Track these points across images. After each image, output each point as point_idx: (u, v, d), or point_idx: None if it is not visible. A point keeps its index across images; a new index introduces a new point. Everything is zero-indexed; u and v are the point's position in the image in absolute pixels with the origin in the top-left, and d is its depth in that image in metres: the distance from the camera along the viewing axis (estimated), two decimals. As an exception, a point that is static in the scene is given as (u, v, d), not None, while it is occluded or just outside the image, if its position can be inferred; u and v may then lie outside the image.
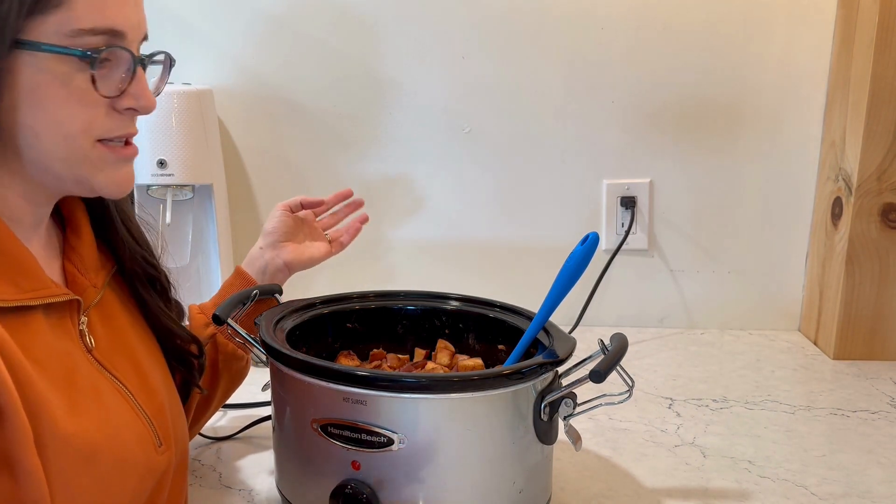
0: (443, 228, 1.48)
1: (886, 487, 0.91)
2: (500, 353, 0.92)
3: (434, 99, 1.43)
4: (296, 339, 0.87)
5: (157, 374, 0.76)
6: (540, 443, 0.78)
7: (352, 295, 0.96)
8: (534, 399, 0.76)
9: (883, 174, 1.25)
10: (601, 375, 0.72)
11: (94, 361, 0.68)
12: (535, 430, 0.77)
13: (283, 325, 0.86)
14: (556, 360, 0.77)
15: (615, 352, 0.76)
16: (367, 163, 1.46)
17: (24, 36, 0.59)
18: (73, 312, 0.67)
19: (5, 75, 0.59)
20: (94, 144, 0.64)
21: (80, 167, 0.64)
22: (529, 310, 0.91)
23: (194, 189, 1.31)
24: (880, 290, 1.29)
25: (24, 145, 0.62)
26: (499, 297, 0.97)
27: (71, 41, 0.60)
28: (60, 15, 0.59)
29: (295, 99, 1.44)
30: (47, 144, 0.62)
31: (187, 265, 1.34)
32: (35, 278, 0.63)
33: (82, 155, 0.64)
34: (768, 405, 1.13)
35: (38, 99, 0.60)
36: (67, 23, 0.59)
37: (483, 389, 0.73)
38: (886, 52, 1.20)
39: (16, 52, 0.59)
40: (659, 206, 1.44)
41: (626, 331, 1.45)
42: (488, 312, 0.94)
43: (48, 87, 0.60)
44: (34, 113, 0.61)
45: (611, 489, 0.90)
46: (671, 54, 1.37)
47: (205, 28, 1.41)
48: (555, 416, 0.78)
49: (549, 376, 0.79)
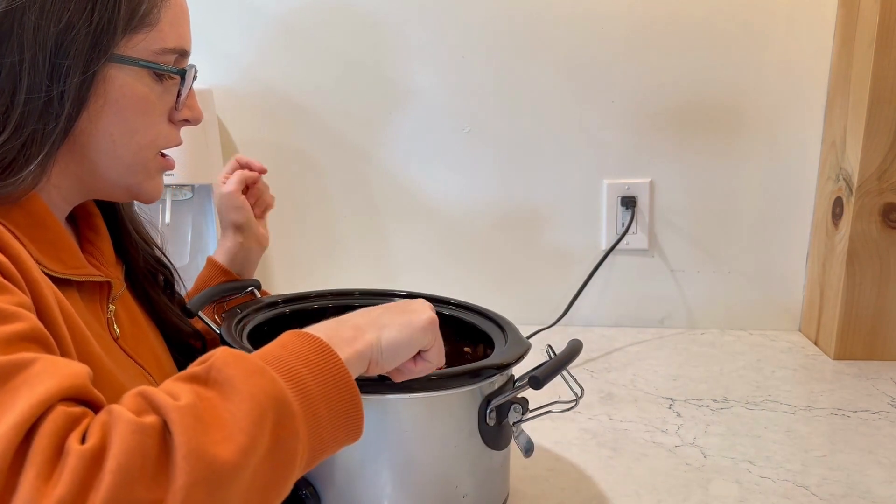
0: (443, 228, 1.48)
1: (887, 488, 0.90)
2: (465, 354, 0.90)
3: (434, 99, 1.43)
4: (262, 334, 0.85)
5: (172, 368, 0.80)
6: (488, 448, 0.76)
7: (310, 294, 0.96)
8: (479, 402, 0.75)
9: (883, 174, 1.25)
10: (539, 382, 0.70)
11: (120, 350, 0.71)
12: (481, 434, 0.75)
13: (248, 321, 0.86)
14: (500, 365, 0.75)
15: (560, 358, 0.74)
16: (367, 163, 1.46)
17: (121, 51, 0.65)
18: (103, 299, 0.71)
19: (98, 84, 0.64)
20: (156, 155, 0.71)
21: (138, 174, 0.70)
22: (488, 309, 0.90)
23: (194, 189, 1.31)
24: (881, 290, 1.29)
25: (99, 150, 0.66)
26: (498, 298, 0.97)
27: (156, 58, 0.67)
28: (152, 34, 0.66)
29: (295, 99, 1.44)
30: (122, 151, 0.67)
31: (186, 265, 1.34)
32: (76, 257, 0.68)
33: (145, 163, 0.70)
34: (769, 405, 1.13)
35: (121, 109, 0.66)
36: (156, 42, 0.66)
37: (424, 391, 0.71)
38: (887, 52, 1.20)
39: (110, 65, 0.64)
40: (659, 206, 1.44)
41: (626, 331, 1.47)
42: (443, 310, 0.90)
43: (132, 98, 0.66)
44: (116, 122, 0.66)
45: (611, 489, 0.90)
46: (672, 54, 1.37)
47: (205, 28, 1.41)
48: (504, 421, 0.76)
49: (499, 380, 0.77)
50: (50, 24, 0.60)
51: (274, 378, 0.50)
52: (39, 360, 0.48)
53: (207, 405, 0.47)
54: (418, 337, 0.64)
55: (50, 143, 0.62)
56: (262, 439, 0.48)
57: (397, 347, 0.62)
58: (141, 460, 0.43)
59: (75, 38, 0.61)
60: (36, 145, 0.62)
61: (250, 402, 0.48)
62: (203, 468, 0.44)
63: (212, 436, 0.46)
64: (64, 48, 0.61)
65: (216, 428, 0.46)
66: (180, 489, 0.43)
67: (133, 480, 0.43)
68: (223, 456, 0.45)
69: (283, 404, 0.50)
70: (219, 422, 0.47)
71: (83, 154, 0.66)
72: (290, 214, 1.49)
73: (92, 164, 0.67)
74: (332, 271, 1.52)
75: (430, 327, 0.65)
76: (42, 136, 0.62)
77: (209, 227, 1.35)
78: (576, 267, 1.45)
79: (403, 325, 0.63)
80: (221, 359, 0.50)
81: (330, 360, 0.55)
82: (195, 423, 0.45)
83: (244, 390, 0.48)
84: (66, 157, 0.66)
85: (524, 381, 0.73)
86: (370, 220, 1.49)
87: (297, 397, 0.51)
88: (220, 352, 0.51)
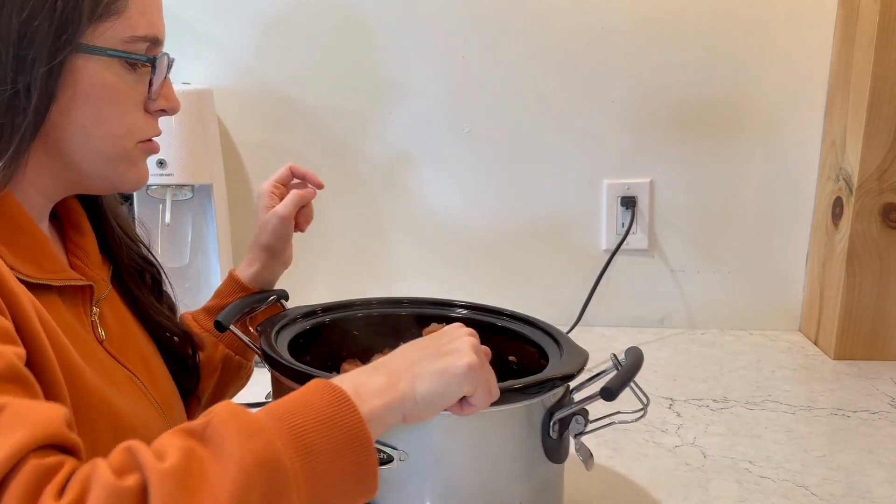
0: (443, 228, 1.48)
1: (887, 488, 0.90)
2: (510, 364, 0.88)
3: (434, 99, 1.43)
4: (299, 346, 0.83)
5: (162, 370, 0.78)
6: (548, 461, 0.74)
7: (355, 302, 0.93)
8: (542, 415, 0.73)
9: (883, 174, 1.25)
10: (613, 393, 0.68)
11: (105, 353, 0.70)
12: (544, 447, 0.73)
13: (286, 333, 0.83)
14: (567, 375, 0.73)
15: (628, 368, 0.72)
16: (368, 163, 1.46)
17: (88, 41, 0.62)
18: (85, 301, 0.69)
19: (66, 76, 0.62)
20: (135, 145, 0.69)
21: (118, 165, 0.68)
22: (540, 319, 0.88)
23: (194, 189, 1.31)
24: (881, 290, 1.29)
25: (73, 143, 0.65)
26: (498, 297, 0.96)
27: (125, 47, 0.65)
28: (119, 22, 0.64)
29: (295, 99, 1.44)
30: (97, 143, 0.65)
31: (186, 265, 1.33)
32: (55, 261, 0.66)
33: (124, 154, 0.68)
34: (769, 405, 1.13)
35: (92, 100, 0.64)
36: (124, 30, 0.64)
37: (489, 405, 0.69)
38: (886, 52, 1.20)
39: (77, 56, 0.62)
40: (659, 206, 1.44)
41: (625, 331, 1.47)
42: (496, 321, 0.89)
43: (102, 89, 0.64)
44: (87, 113, 0.64)
45: (611, 489, 0.90)
46: (672, 54, 1.37)
47: (205, 28, 1.41)
48: (565, 433, 0.75)
49: (560, 392, 0.75)
50: (12, 15, 0.59)
51: (270, 440, 0.48)
52: (9, 406, 0.46)
53: (197, 466, 0.46)
54: (456, 386, 0.59)
55: (20, 138, 0.60)
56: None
57: (432, 399, 0.58)
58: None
59: (39, 29, 0.59)
60: (4, 140, 0.60)
61: (239, 468, 0.46)
62: None
63: (193, 501, 0.44)
64: (28, 39, 0.59)
65: (199, 493, 0.45)
66: None
67: None
68: None
69: (276, 469, 0.48)
70: (204, 487, 0.45)
71: (58, 148, 0.65)
72: (290, 214, 1.49)
73: (68, 158, 0.65)
74: (330, 271, 1.52)
75: (469, 374, 0.59)
76: (11, 130, 0.60)
77: (209, 227, 1.35)
78: (576, 267, 1.45)
79: (439, 374, 0.58)
80: (220, 416, 0.49)
81: (347, 415, 0.52)
82: (175, 489, 0.44)
83: (235, 454, 0.47)
84: (41, 151, 0.64)
85: (595, 393, 0.71)
86: (369, 222, 1.49)
87: (297, 456, 0.49)
88: (221, 407, 0.50)
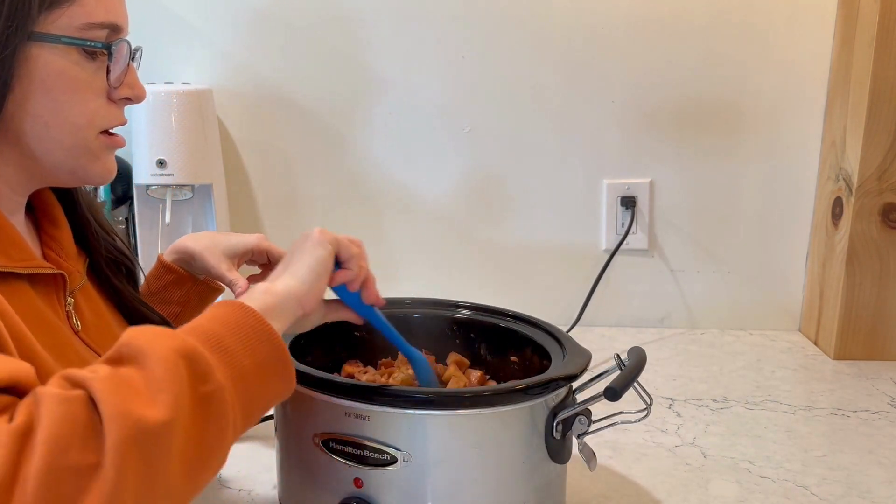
0: (442, 228, 1.48)
1: (887, 488, 0.90)
2: (512, 364, 0.88)
3: (434, 99, 1.43)
4: (300, 347, 0.83)
5: None
6: (552, 462, 0.74)
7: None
8: (546, 416, 0.73)
9: (883, 174, 1.25)
10: (617, 394, 0.68)
11: (81, 342, 0.69)
12: (547, 448, 0.74)
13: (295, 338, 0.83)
14: (571, 375, 0.74)
15: (632, 368, 0.72)
16: (367, 163, 1.46)
17: (41, 28, 0.61)
18: (59, 291, 0.69)
19: (20, 66, 0.61)
20: (97, 135, 0.67)
21: (81, 157, 0.67)
22: (542, 320, 0.88)
23: (194, 189, 1.31)
24: (881, 290, 1.29)
25: (31, 134, 0.64)
26: (498, 297, 0.96)
27: (81, 34, 0.63)
28: (73, 9, 0.62)
29: (295, 99, 1.44)
30: (56, 134, 0.64)
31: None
32: (24, 250, 0.65)
33: (86, 145, 0.66)
34: (768, 405, 1.13)
35: (49, 89, 0.63)
36: (79, 17, 0.63)
37: (493, 406, 0.69)
38: (886, 51, 1.20)
39: (30, 44, 0.61)
40: (659, 206, 1.44)
41: (625, 331, 1.47)
42: (499, 322, 0.90)
43: (59, 78, 0.63)
44: (45, 103, 0.63)
45: (611, 489, 0.90)
46: (671, 54, 1.37)
47: (204, 28, 1.41)
48: (568, 433, 0.75)
49: (563, 392, 0.75)
50: None
51: (183, 337, 0.52)
52: None
53: (126, 372, 0.49)
54: (321, 249, 0.67)
55: None
56: (183, 392, 0.49)
57: (308, 270, 0.66)
58: (71, 427, 0.45)
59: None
60: None
61: (163, 362, 0.49)
62: (131, 426, 0.46)
63: (135, 399, 0.47)
64: None
65: (138, 392, 0.48)
66: (112, 449, 0.45)
67: (66, 447, 0.44)
68: (149, 414, 0.47)
69: (196, 357, 0.51)
70: (139, 387, 0.48)
71: (18, 139, 0.64)
72: (290, 216, 1.49)
73: (29, 150, 0.64)
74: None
75: (322, 236, 0.68)
76: None
77: (209, 227, 1.35)
78: (576, 267, 1.45)
79: (303, 253, 0.67)
80: (128, 335, 0.52)
81: (245, 312, 0.57)
82: (117, 388, 0.47)
83: (153, 354, 0.50)
84: (1, 143, 0.64)
85: (598, 393, 0.71)
86: (369, 221, 1.49)
87: (212, 351, 0.53)
88: (128, 330, 0.53)
